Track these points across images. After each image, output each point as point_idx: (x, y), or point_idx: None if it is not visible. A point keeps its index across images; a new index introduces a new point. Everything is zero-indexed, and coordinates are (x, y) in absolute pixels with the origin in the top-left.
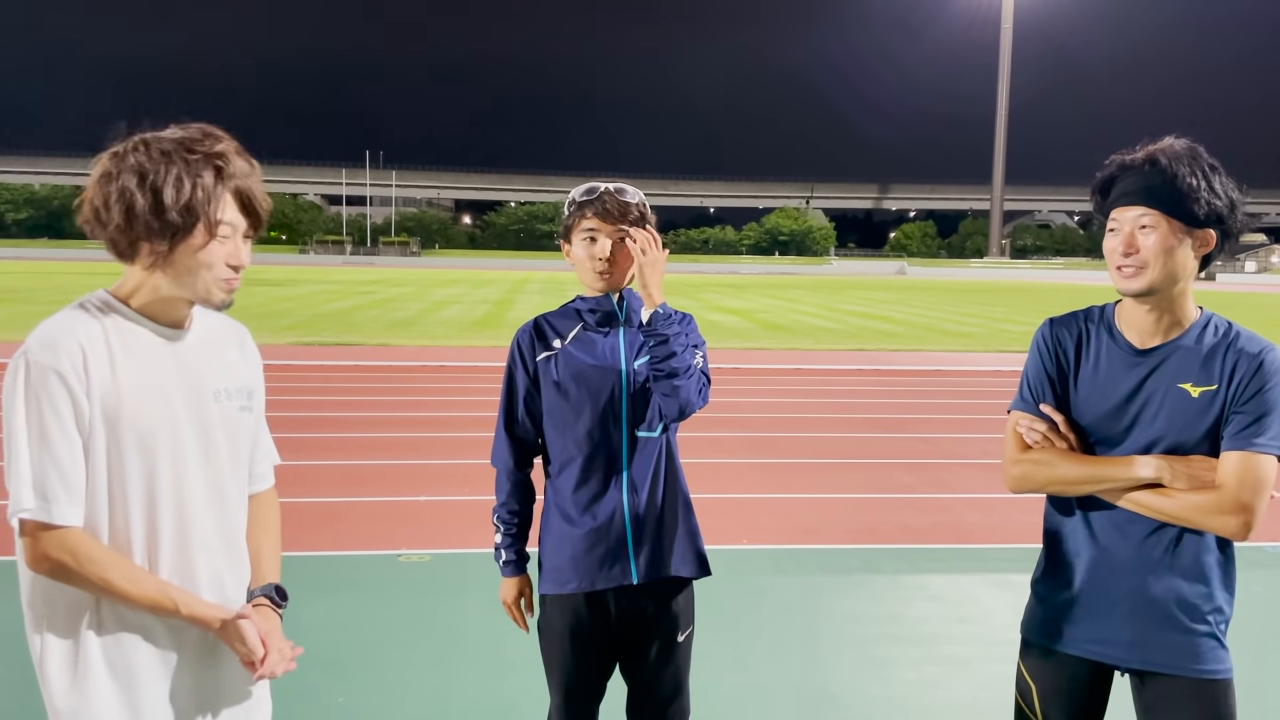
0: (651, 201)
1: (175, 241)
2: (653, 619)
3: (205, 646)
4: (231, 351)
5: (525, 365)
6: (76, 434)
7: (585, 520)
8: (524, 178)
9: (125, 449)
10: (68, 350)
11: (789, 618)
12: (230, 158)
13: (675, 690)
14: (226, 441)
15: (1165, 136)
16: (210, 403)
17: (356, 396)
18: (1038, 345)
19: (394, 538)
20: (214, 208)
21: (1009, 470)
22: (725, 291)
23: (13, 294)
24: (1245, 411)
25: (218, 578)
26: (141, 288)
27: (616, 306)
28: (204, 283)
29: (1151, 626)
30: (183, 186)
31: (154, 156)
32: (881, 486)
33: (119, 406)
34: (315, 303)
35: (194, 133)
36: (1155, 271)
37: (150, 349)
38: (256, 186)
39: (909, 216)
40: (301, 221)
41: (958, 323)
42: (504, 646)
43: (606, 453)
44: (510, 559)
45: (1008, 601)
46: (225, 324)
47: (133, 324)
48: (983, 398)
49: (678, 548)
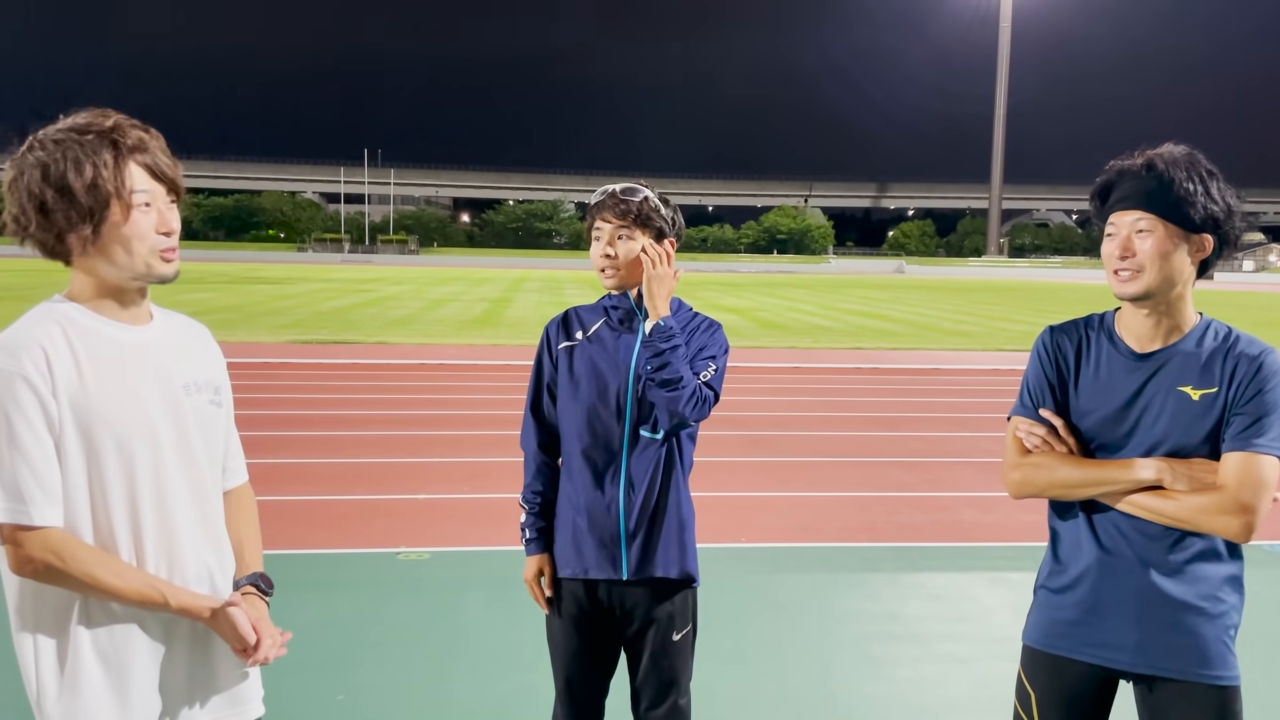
0: (663, 194)
1: (97, 224)
2: (646, 615)
3: (196, 637)
4: (196, 347)
5: (551, 352)
6: (48, 435)
7: (584, 509)
8: (522, 176)
9: (101, 448)
10: (30, 354)
11: (787, 616)
12: (125, 129)
13: (670, 687)
14: (200, 434)
15: (1164, 143)
16: (181, 395)
17: (355, 395)
18: (1038, 351)
19: (393, 536)
20: (121, 180)
21: (1009, 475)
22: (723, 290)
23: (10, 292)
24: (1245, 413)
25: (205, 569)
26: (88, 284)
27: (636, 305)
28: (141, 257)
29: (1158, 630)
30: (83, 168)
31: (49, 148)
32: (880, 485)
33: (89, 407)
34: (313, 301)
35: (82, 117)
36: (1151, 275)
37: (114, 347)
38: (159, 151)
39: (907, 215)
40: (299, 219)
41: (956, 321)
42: (503, 645)
43: (607, 447)
44: (532, 536)
45: (1006, 600)
46: (187, 323)
47: (93, 323)
48: (981, 396)
49: (669, 551)
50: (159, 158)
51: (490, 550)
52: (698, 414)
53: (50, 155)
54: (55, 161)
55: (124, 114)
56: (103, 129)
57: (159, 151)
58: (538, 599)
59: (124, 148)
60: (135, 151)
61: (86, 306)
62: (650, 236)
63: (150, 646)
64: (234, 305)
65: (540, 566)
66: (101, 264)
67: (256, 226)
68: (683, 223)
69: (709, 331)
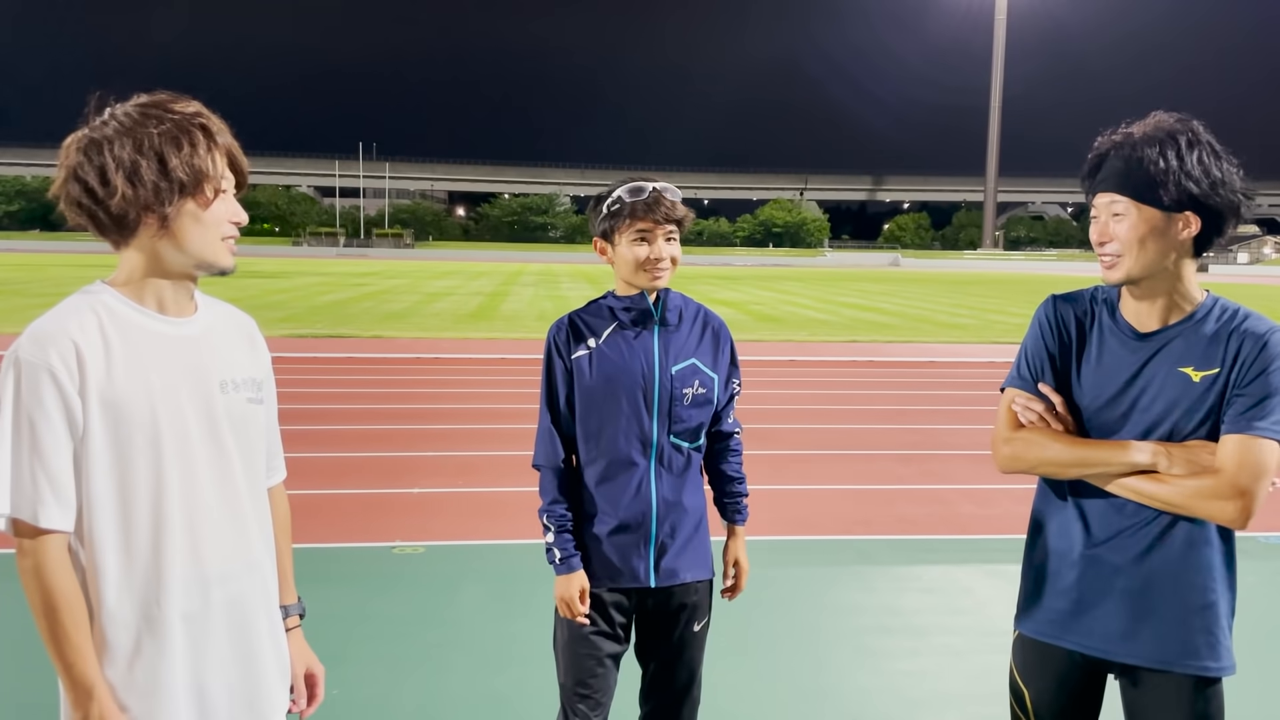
0: None
1: (182, 202)
2: (671, 613)
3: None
4: (241, 343)
5: (564, 360)
6: (67, 436)
7: (609, 520)
8: (518, 169)
9: (129, 445)
10: (59, 347)
11: (783, 609)
12: (209, 116)
13: (689, 679)
14: (234, 434)
15: (1154, 112)
16: (216, 393)
17: (350, 389)
18: (1039, 321)
19: (388, 529)
20: (213, 161)
21: (999, 449)
22: (719, 283)
23: (6, 286)
24: (1247, 394)
25: (232, 571)
26: (140, 268)
27: (653, 306)
28: (211, 244)
29: (1145, 620)
30: (181, 145)
31: (140, 120)
32: (876, 477)
33: (117, 403)
34: (309, 295)
35: (162, 97)
36: (1130, 261)
37: (152, 340)
38: (235, 142)
39: (903, 208)
40: (294, 213)
41: (951, 314)
42: (499, 638)
43: (635, 455)
44: (566, 555)
45: (1003, 592)
46: (233, 315)
47: (133, 314)
48: (977, 389)
49: (695, 553)
50: (237, 148)
51: (486, 544)
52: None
53: (142, 127)
54: (150, 134)
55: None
56: (188, 111)
57: (235, 142)
58: (576, 615)
59: (211, 131)
60: (221, 136)
61: (129, 296)
62: (681, 232)
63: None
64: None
65: (582, 584)
66: (168, 248)
67: (252, 220)
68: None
69: (722, 347)
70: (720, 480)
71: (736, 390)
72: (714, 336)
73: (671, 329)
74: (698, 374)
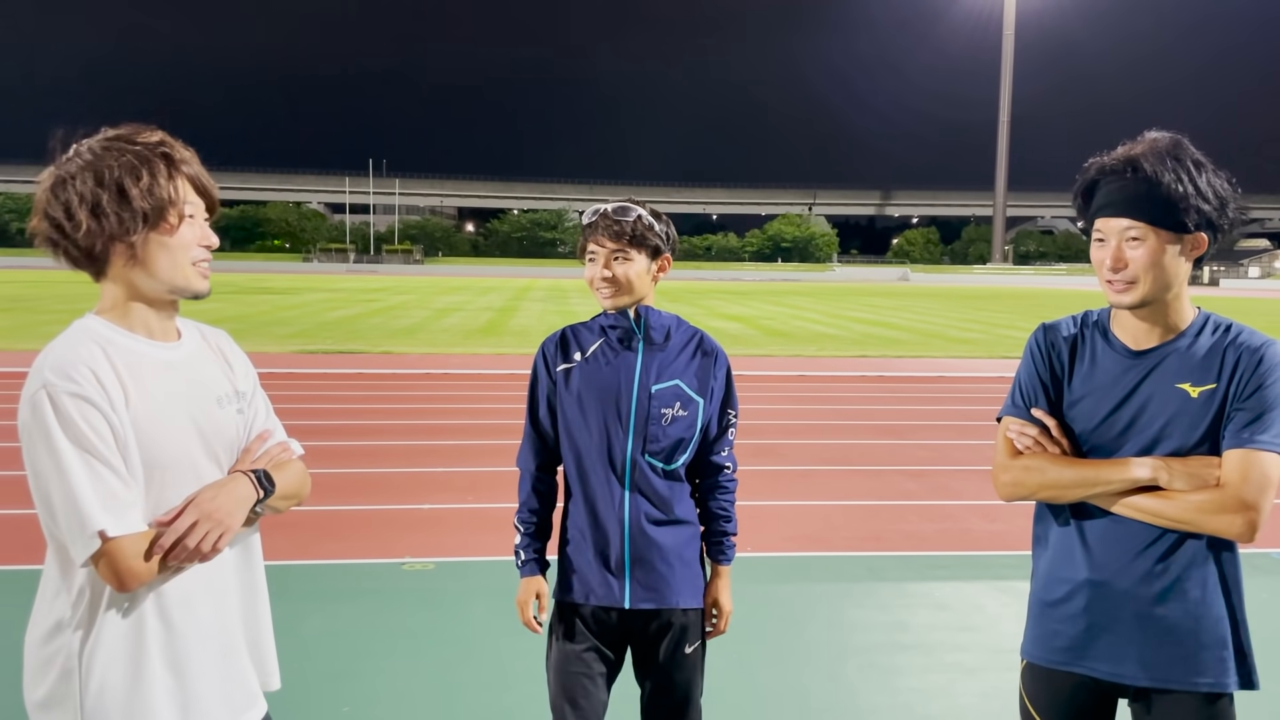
0: (654, 208)
1: (147, 231)
2: (655, 635)
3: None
4: (219, 360)
5: (549, 371)
6: (119, 454)
7: (588, 536)
8: (527, 185)
9: (150, 466)
10: (84, 376)
11: (793, 625)
12: (173, 144)
13: (685, 700)
14: (225, 449)
15: (1146, 132)
16: (215, 410)
17: (360, 404)
18: (1031, 350)
19: (398, 546)
20: (175, 189)
21: (999, 477)
22: (728, 298)
23: (18, 303)
24: (1246, 408)
25: (233, 592)
26: (120, 297)
27: (634, 324)
28: (182, 269)
29: (1154, 641)
30: (140, 175)
31: (99, 154)
32: (886, 493)
33: (138, 424)
34: (319, 311)
35: (125, 130)
36: (1146, 285)
37: (153, 367)
38: (201, 168)
39: (912, 223)
40: (305, 230)
41: (961, 329)
42: (509, 655)
43: (612, 472)
44: (528, 559)
45: (1014, 609)
46: (206, 333)
47: (130, 343)
48: (987, 404)
49: (679, 580)
50: (203, 174)
51: (496, 560)
52: (734, 465)
53: (102, 161)
54: (109, 167)
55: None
56: (150, 142)
57: (201, 168)
58: (529, 623)
59: (175, 160)
60: (185, 164)
61: (119, 325)
62: (647, 254)
63: (214, 651)
64: (239, 315)
65: (536, 590)
66: (141, 276)
67: (262, 237)
68: (675, 235)
69: (719, 373)
70: (706, 517)
71: (732, 422)
72: (707, 361)
73: (657, 347)
74: (679, 396)
